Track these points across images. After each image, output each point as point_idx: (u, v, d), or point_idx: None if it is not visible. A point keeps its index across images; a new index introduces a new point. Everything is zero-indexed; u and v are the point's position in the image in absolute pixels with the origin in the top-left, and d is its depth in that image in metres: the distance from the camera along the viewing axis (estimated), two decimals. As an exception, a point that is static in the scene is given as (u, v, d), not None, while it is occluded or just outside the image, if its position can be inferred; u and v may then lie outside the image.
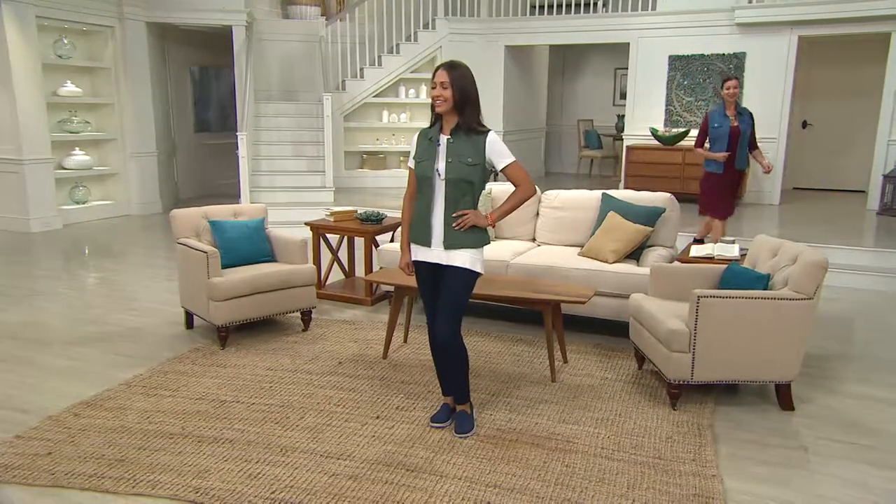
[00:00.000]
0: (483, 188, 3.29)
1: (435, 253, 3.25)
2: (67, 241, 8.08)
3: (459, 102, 3.14)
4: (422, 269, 3.34)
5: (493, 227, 3.26)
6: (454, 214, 3.18)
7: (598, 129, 12.90)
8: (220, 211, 5.06)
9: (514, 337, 4.81)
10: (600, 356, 4.46)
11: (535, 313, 5.23)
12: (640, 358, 4.26)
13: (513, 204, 3.27)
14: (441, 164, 3.17)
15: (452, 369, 3.34)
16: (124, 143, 9.85)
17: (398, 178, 10.86)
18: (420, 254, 3.30)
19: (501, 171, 3.23)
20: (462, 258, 3.21)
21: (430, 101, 3.24)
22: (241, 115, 9.30)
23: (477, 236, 3.24)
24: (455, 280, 3.23)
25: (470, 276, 3.25)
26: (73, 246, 7.85)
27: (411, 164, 3.32)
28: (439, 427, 3.42)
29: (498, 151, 3.19)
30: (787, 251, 3.82)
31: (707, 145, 6.27)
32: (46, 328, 4.97)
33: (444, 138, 3.20)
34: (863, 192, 10.11)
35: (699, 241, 5.99)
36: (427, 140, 3.25)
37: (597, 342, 4.72)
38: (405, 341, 4.68)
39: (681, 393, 3.72)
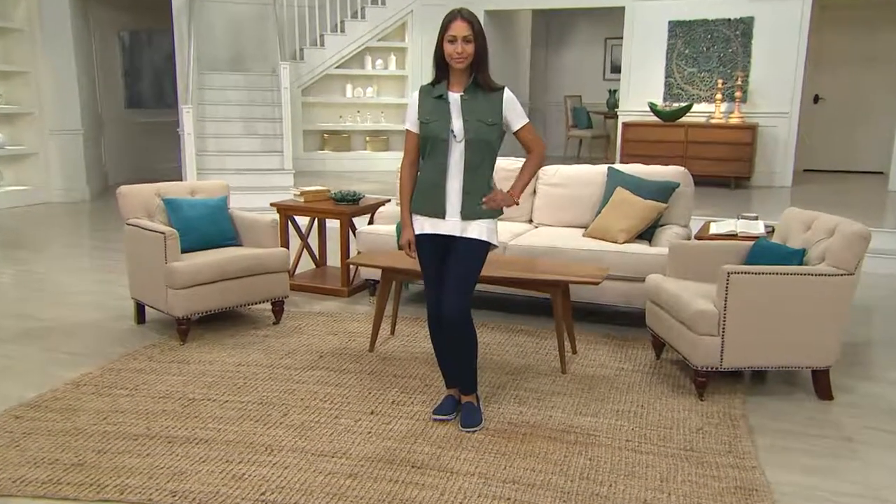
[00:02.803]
0: (498, 151, 3.34)
1: (450, 224, 3.27)
2: (-19, 232, 7.91)
3: (478, 57, 3.18)
4: (428, 243, 3.33)
5: (517, 197, 3.29)
6: (484, 201, 3.23)
7: (587, 106, 13.05)
8: (176, 188, 5.01)
9: (514, 327, 4.85)
10: (613, 346, 4.53)
11: (535, 303, 5.28)
12: (659, 346, 4.33)
13: (531, 173, 3.33)
14: (457, 124, 3.19)
15: (461, 353, 3.36)
16: (43, 119, 9.65)
17: (365, 161, 10.87)
18: (429, 226, 3.30)
19: (516, 133, 3.28)
20: (479, 229, 3.26)
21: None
22: (182, 87, 9.21)
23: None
24: (469, 252, 3.26)
25: (485, 249, 3.30)
26: (-10, 236, 7.69)
27: (411, 125, 3.33)
28: (444, 420, 3.45)
29: (516, 111, 3.26)
30: (822, 223, 3.92)
31: None
32: (-29, 325, 4.87)
33: (454, 96, 3.22)
34: (881, 173, 10.40)
35: None
36: (434, 98, 3.25)
37: (606, 332, 4.79)
38: (392, 333, 4.69)
39: (708, 382, 3.80)
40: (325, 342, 4.54)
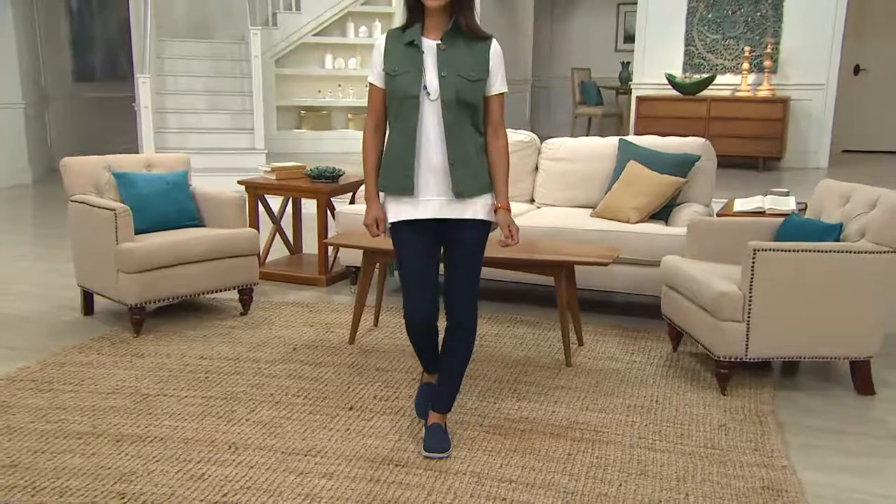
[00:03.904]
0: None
1: (434, 206, 3.01)
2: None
3: None
4: (408, 233, 3.07)
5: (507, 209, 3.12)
6: (501, 241, 3.11)
7: (597, 80, 13.05)
8: (129, 161, 4.98)
9: (511, 318, 4.84)
10: (623, 337, 4.52)
11: (536, 293, 5.26)
12: (676, 337, 4.32)
13: (507, 168, 3.12)
14: (432, 79, 2.94)
15: (461, 365, 3.20)
16: (-24, 92, 9.62)
17: (347, 141, 10.83)
18: (406, 211, 3.04)
19: (487, 98, 3.04)
20: (480, 208, 3.05)
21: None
22: (138, 55, 9.17)
23: (485, 173, 3.07)
24: (476, 240, 3.09)
25: (484, 234, 3.12)
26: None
27: (375, 78, 3.06)
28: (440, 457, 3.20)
29: (501, 71, 3.05)
30: (862, 195, 3.91)
31: None
32: None
33: (429, 43, 2.97)
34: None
35: None
36: (404, 45, 2.98)
37: (615, 323, 4.79)
38: (375, 324, 4.68)
39: (731, 375, 3.79)
40: (300, 334, 4.52)
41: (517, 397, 3.70)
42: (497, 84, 3.05)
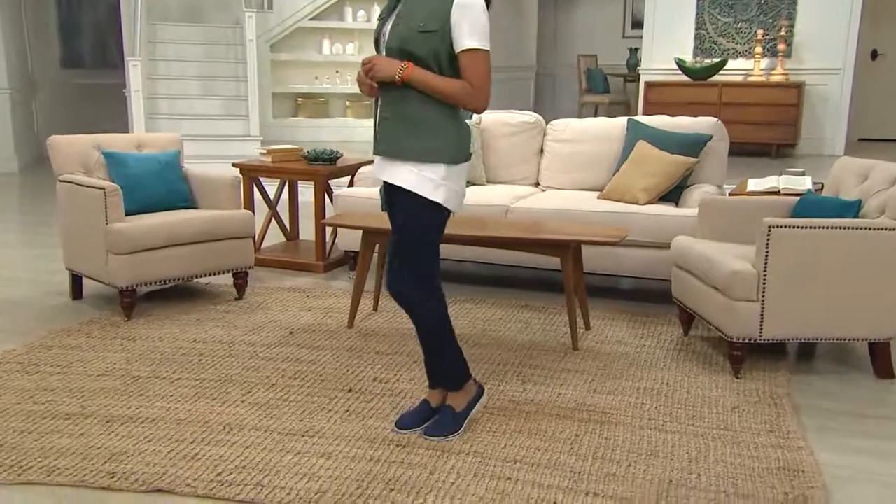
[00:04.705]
0: (452, 73, 2.89)
1: (377, 164, 3.05)
2: None
3: None
4: (384, 191, 3.14)
5: (407, 79, 2.84)
6: (363, 61, 2.89)
7: (604, 67, 13.04)
8: (119, 141, 4.98)
9: (516, 303, 4.84)
10: (632, 322, 4.51)
11: (542, 279, 5.26)
12: (687, 321, 4.31)
13: (443, 87, 2.85)
14: (387, 29, 2.92)
15: (423, 337, 3.13)
16: (-40, 79, 9.63)
17: (346, 130, 10.84)
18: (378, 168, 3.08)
19: (458, 54, 2.85)
20: (402, 174, 2.92)
21: None
22: (129, 38, 9.16)
23: (431, 137, 2.89)
24: (403, 211, 2.98)
25: (418, 205, 2.91)
26: None
27: None
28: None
29: (469, 22, 2.81)
30: (882, 171, 3.90)
31: None
32: None
33: None
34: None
35: None
36: None
37: (623, 308, 4.78)
38: (375, 309, 4.68)
39: (744, 357, 3.78)
40: (296, 318, 4.52)
41: (522, 380, 3.69)
42: (465, 40, 2.82)
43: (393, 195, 3.02)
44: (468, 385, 3.21)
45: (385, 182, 3.02)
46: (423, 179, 2.89)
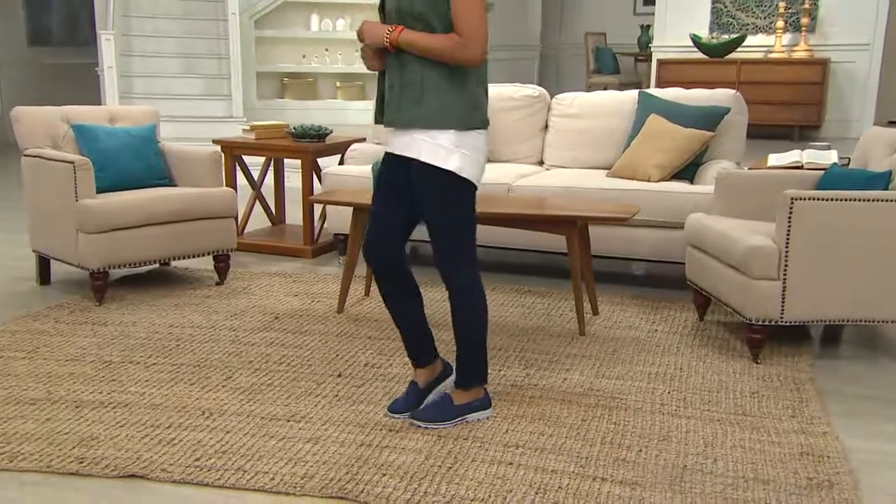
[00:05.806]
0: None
1: (389, 139, 3.07)
2: None
3: None
4: (385, 163, 3.11)
5: (395, 43, 2.85)
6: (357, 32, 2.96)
7: (613, 46, 13.03)
8: (90, 113, 4.97)
9: (519, 288, 4.84)
10: (643, 307, 4.51)
11: (546, 264, 5.25)
12: (703, 305, 4.30)
13: (431, 44, 2.81)
14: None
15: (462, 330, 3.12)
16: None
17: (336, 112, 10.79)
18: (388, 139, 3.11)
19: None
20: (417, 145, 2.92)
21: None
22: (101, 11, 9.15)
23: (436, 101, 2.88)
24: (424, 187, 2.97)
25: (439, 186, 2.93)
26: None
27: None
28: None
29: None
30: (912, 141, 3.90)
31: None
32: None
33: None
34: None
35: None
36: None
37: (634, 293, 4.78)
38: (367, 294, 4.67)
39: (764, 341, 3.77)
40: (282, 303, 4.51)
41: (525, 365, 3.69)
42: None
43: (409, 178, 2.99)
44: (477, 388, 3.20)
45: (397, 165, 3.01)
46: (437, 147, 2.89)
